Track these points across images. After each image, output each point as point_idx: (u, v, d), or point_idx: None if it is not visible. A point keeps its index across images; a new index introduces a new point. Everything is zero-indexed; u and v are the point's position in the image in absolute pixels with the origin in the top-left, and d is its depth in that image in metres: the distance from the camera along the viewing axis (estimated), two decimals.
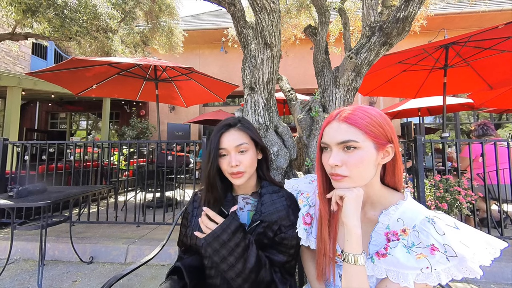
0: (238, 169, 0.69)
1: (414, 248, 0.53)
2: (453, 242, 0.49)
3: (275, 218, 0.71)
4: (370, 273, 0.56)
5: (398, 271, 0.53)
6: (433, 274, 0.50)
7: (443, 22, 5.92)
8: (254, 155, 0.73)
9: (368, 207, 0.62)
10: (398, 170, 0.61)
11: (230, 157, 0.70)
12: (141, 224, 2.54)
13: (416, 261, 0.51)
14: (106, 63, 2.90)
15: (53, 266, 1.98)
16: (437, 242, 0.50)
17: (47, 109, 8.22)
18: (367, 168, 0.56)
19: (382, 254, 0.56)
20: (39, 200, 1.54)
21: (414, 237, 0.54)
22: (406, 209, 0.57)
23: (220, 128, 0.73)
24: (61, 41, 4.01)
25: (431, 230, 0.52)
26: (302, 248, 0.76)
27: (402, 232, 0.55)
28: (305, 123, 1.69)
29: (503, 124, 7.28)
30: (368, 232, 0.60)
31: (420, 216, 0.55)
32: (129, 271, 0.76)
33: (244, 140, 0.72)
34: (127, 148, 3.48)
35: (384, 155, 0.58)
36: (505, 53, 2.56)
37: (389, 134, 0.57)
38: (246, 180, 0.74)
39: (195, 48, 7.35)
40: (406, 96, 3.94)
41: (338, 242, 0.66)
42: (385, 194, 0.61)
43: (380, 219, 0.59)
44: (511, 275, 1.70)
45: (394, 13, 1.39)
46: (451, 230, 0.51)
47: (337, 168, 0.56)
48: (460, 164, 2.20)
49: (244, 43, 1.82)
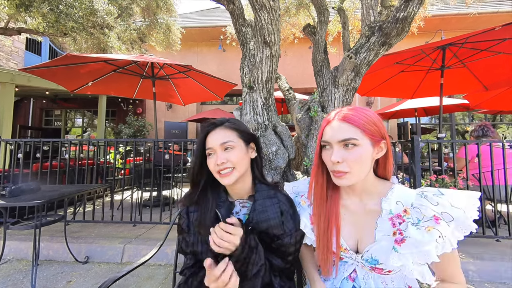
0: (225, 165, 0.68)
1: (421, 223, 0.57)
2: (446, 207, 0.57)
3: (265, 227, 0.68)
4: (398, 263, 0.57)
5: (420, 250, 0.56)
6: (446, 242, 0.55)
7: (440, 23, 5.97)
8: (242, 153, 0.71)
9: (366, 199, 0.66)
10: (389, 164, 0.67)
11: (216, 155, 0.69)
12: (138, 223, 2.51)
13: (428, 234, 0.55)
14: (102, 59, 2.85)
15: (47, 266, 1.95)
16: (436, 212, 0.57)
17: (42, 106, 8.08)
18: (365, 163, 0.61)
19: (400, 240, 0.58)
20: (33, 199, 1.51)
21: (416, 213, 0.59)
22: (400, 192, 0.64)
23: (206, 127, 0.73)
24: (56, 37, 3.94)
25: (427, 203, 0.58)
26: (305, 246, 0.76)
27: (404, 212, 0.60)
28: (304, 123, 1.68)
29: (497, 125, 7.39)
30: (372, 221, 0.64)
31: (413, 194, 0.62)
32: (125, 273, 0.74)
33: (229, 138, 0.70)
34: (124, 147, 3.44)
35: (378, 150, 0.63)
36: (501, 54, 2.58)
37: (382, 131, 0.63)
38: (240, 183, 0.72)
39: (193, 45, 7.29)
40: (403, 97, 3.97)
41: (343, 237, 0.67)
42: (379, 184, 0.67)
43: (383, 206, 0.63)
44: (505, 274, 1.73)
45: (393, 13, 1.39)
46: (440, 197, 0.59)
47: (339, 165, 0.60)
48: (457, 164, 2.22)
49: (243, 41, 1.80)
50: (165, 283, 1.72)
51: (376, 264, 0.61)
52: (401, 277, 0.64)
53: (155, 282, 1.73)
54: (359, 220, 0.66)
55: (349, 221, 0.67)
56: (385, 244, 0.60)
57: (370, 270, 0.64)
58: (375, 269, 0.62)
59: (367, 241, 0.63)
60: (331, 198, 0.68)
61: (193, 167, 0.74)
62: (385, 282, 0.64)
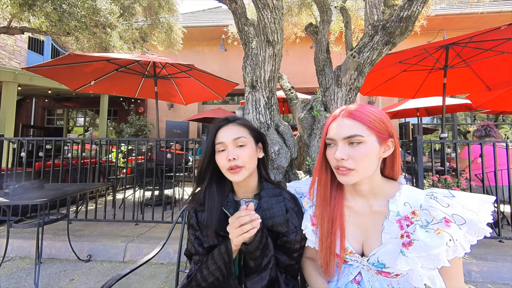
0: (236, 163, 0.66)
1: (430, 226, 0.54)
2: (458, 210, 0.53)
3: (270, 224, 0.69)
4: (406, 268, 0.55)
5: (429, 254, 0.53)
6: (457, 245, 0.52)
7: (443, 22, 5.94)
8: (253, 151, 0.71)
9: (373, 200, 0.64)
10: (397, 163, 0.65)
11: (227, 151, 0.68)
12: (140, 222, 2.52)
13: (438, 237, 0.52)
14: (105, 59, 2.86)
15: (50, 265, 1.95)
16: (446, 214, 0.53)
17: (44, 105, 8.11)
18: (371, 161, 0.59)
19: (408, 243, 0.56)
20: (36, 198, 1.51)
21: (425, 215, 0.56)
22: (408, 192, 0.61)
23: (218, 123, 0.72)
24: (58, 36, 3.95)
25: (437, 205, 0.55)
26: (307, 248, 0.74)
27: (412, 214, 0.58)
28: (306, 122, 1.68)
29: (499, 125, 7.35)
30: (378, 223, 0.62)
31: (422, 195, 0.59)
32: (128, 272, 0.75)
33: (242, 134, 0.70)
34: (125, 146, 3.45)
35: (385, 149, 0.61)
36: (505, 54, 2.56)
37: (390, 129, 0.61)
38: (247, 181, 0.72)
39: (195, 45, 7.29)
40: (405, 96, 3.95)
41: (348, 240, 0.65)
42: (386, 185, 0.64)
43: (390, 207, 0.60)
44: (507, 275, 1.72)
45: (397, 12, 1.38)
46: (451, 199, 0.55)
47: (344, 162, 0.59)
48: (459, 164, 2.21)
49: (245, 40, 1.80)
50: (167, 281, 1.73)
51: (383, 268, 0.59)
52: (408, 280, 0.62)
53: (157, 281, 1.73)
54: (364, 222, 0.64)
55: (354, 222, 0.65)
56: (392, 247, 0.58)
57: (376, 273, 0.62)
58: (381, 272, 0.61)
59: (373, 244, 0.61)
60: (335, 199, 0.66)
61: (201, 162, 0.73)
62: (391, 284, 0.63)
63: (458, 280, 0.56)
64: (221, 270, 0.63)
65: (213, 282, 0.64)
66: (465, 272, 1.75)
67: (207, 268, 0.65)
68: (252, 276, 0.64)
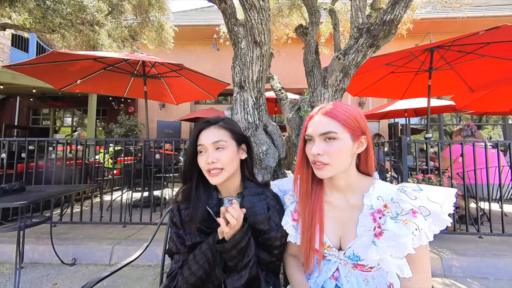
0: (215, 165, 0.69)
1: (399, 217, 0.59)
2: (424, 202, 0.58)
3: (252, 222, 0.70)
4: (377, 257, 0.58)
5: (397, 242, 0.57)
6: (422, 234, 0.56)
7: (429, 26, 6.12)
8: (233, 153, 0.72)
9: (349, 194, 0.68)
10: (370, 159, 0.69)
11: (207, 153, 0.70)
12: (127, 224, 2.47)
13: (406, 227, 0.57)
14: (91, 57, 2.79)
15: (32, 269, 1.89)
16: (414, 206, 0.58)
17: (29, 105, 7.82)
18: (345, 157, 0.63)
19: (379, 233, 0.60)
20: (16, 200, 1.46)
21: (395, 207, 0.60)
22: (381, 187, 0.65)
23: (200, 125, 0.74)
24: (43, 33, 3.82)
25: (406, 198, 0.60)
26: (289, 245, 0.76)
27: (384, 207, 0.62)
28: (294, 123, 1.70)
29: (483, 125, 7.64)
30: (354, 217, 0.65)
31: (393, 189, 0.64)
32: (108, 274, 0.73)
33: (222, 137, 0.71)
34: (113, 146, 3.38)
35: (359, 145, 0.65)
36: (485, 57, 2.67)
37: (363, 127, 0.64)
38: (228, 182, 0.73)
39: (187, 44, 7.21)
40: (393, 97, 4.05)
41: (326, 234, 0.67)
42: (361, 180, 0.68)
43: (365, 201, 0.64)
44: (486, 270, 1.79)
45: (381, 15, 1.42)
46: (418, 193, 0.60)
47: (319, 157, 0.62)
48: (442, 163, 2.29)
49: (235, 40, 1.80)
50: (155, 283, 1.70)
51: (358, 261, 0.62)
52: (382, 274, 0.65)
53: (144, 283, 1.71)
54: (342, 216, 0.67)
55: (332, 217, 0.68)
56: (366, 240, 0.61)
57: (352, 267, 0.65)
58: (357, 265, 0.63)
59: (350, 238, 0.64)
60: (315, 193, 0.70)
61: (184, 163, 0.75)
62: (367, 279, 0.65)
63: (424, 268, 0.59)
64: (210, 263, 0.65)
65: (201, 276, 0.65)
66: (446, 267, 1.82)
67: (196, 262, 0.66)
68: (232, 274, 0.64)
